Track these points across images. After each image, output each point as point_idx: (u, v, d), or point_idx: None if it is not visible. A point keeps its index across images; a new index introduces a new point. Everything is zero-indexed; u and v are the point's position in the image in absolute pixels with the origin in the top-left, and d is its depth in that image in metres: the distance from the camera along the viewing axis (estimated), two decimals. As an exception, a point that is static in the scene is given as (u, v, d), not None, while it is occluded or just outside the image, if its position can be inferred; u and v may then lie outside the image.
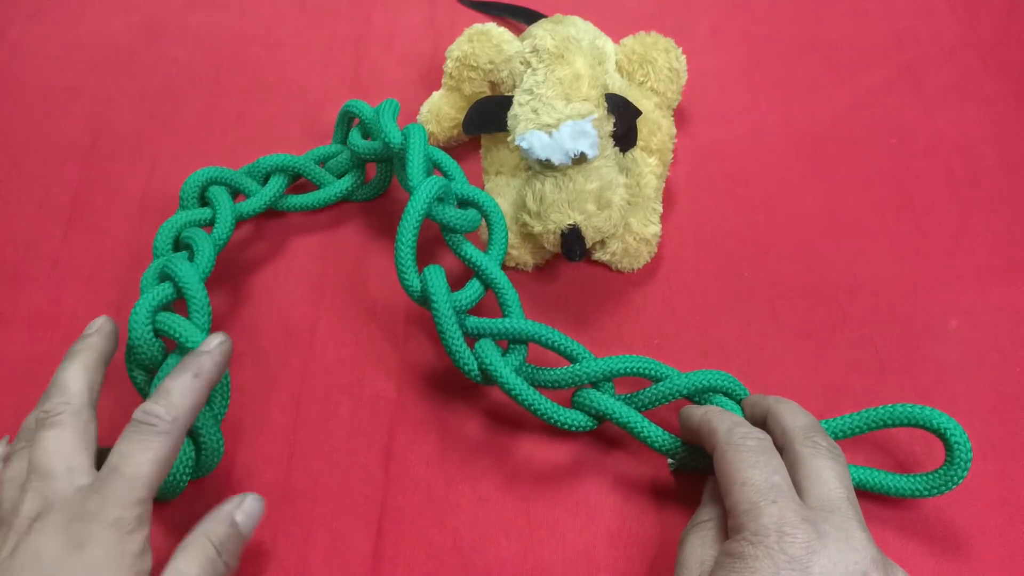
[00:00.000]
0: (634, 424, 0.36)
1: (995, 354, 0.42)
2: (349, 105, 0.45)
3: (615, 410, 0.37)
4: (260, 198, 0.44)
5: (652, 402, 0.37)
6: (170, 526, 0.37)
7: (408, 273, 0.38)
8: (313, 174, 0.46)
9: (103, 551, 0.28)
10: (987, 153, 0.50)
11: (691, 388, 0.37)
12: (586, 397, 0.37)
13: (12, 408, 0.41)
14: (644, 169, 0.44)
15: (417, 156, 0.40)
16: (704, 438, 0.34)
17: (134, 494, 0.29)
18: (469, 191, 0.41)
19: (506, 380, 0.36)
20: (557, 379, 0.37)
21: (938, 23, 0.56)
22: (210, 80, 0.54)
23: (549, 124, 0.39)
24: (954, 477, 0.34)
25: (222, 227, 0.42)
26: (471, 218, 0.40)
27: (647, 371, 0.37)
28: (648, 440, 0.36)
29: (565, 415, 0.37)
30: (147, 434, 0.31)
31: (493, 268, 0.40)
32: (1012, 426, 0.40)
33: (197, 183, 0.43)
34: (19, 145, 0.50)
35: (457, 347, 0.37)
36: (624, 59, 0.47)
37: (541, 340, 0.38)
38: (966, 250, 0.46)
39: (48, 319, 0.43)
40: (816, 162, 0.49)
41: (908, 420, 0.35)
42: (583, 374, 0.37)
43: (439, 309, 0.37)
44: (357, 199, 0.47)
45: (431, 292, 0.37)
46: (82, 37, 0.56)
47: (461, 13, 0.57)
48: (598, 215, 0.40)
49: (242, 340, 0.43)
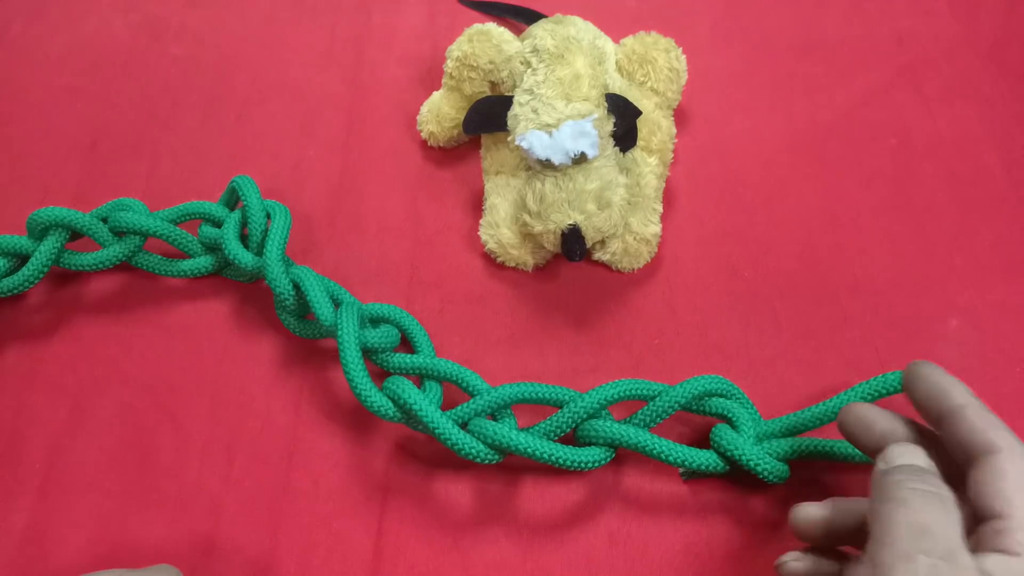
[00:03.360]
0: (648, 444, 0.36)
1: (995, 354, 0.42)
2: (235, 184, 0.43)
3: (626, 435, 0.36)
4: (109, 253, 0.42)
5: (651, 421, 0.37)
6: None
7: (373, 395, 0.37)
8: (178, 242, 0.43)
9: None
10: (987, 153, 0.50)
11: (687, 398, 0.37)
12: (591, 429, 0.37)
13: (12, 408, 0.41)
14: (644, 169, 0.44)
15: (319, 294, 0.39)
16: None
17: None
18: (377, 309, 0.41)
19: (520, 444, 0.35)
20: (559, 424, 0.37)
21: (938, 23, 0.56)
22: (210, 80, 0.54)
23: (549, 124, 0.39)
24: None
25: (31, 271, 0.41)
26: (392, 334, 0.40)
27: (639, 392, 0.37)
28: (664, 457, 0.36)
29: (582, 455, 0.36)
30: None
31: (449, 364, 0.38)
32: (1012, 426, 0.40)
33: (43, 222, 0.41)
34: (19, 145, 0.50)
35: (459, 439, 0.36)
36: (624, 59, 0.47)
37: (529, 398, 0.37)
38: (966, 250, 0.46)
39: (49, 319, 0.43)
40: (816, 162, 0.49)
41: (902, 387, 0.34)
42: (582, 410, 0.36)
43: (426, 412, 0.36)
44: (231, 276, 0.44)
45: (408, 399, 0.36)
46: (82, 37, 0.56)
47: (461, 13, 0.57)
48: (598, 215, 0.40)
49: (246, 342, 0.43)
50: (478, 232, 0.45)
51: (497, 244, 0.44)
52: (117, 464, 0.39)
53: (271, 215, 0.42)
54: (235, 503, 0.38)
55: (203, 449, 0.39)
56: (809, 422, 0.37)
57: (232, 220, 0.42)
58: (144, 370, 0.42)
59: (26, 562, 0.37)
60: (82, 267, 0.42)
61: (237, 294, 0.44)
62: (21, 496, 0.38)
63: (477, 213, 0.47)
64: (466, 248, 0.46)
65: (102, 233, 0.42)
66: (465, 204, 0.48)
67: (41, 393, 0.41)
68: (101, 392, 0.41)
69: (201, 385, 0.41)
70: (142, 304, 0.44)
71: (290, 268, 0.41)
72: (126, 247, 0.43)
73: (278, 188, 0.48)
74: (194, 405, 0.41)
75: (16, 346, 0.43)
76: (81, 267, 0.42)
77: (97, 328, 0.43)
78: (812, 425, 0.37)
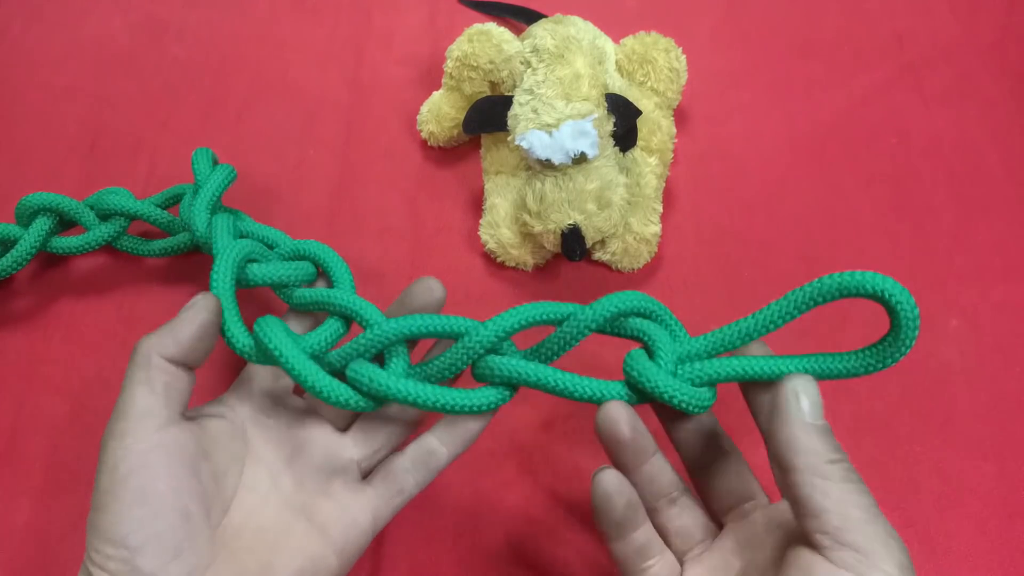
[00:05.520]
0: (549, 381, 0.31)
1: (995, 354, 0.42)
2: (192, 158, 0.43)
3: (525, 371, 0.31)
4: (94, 236, 0.43)
5: (561, 348, 0.32)
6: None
7: (236, 333, 0.33)
8: (159, 221, 0.43)
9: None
10: (987, 153, 0.50)
11: (599, 320, 0.31)
12: (486, 366, 0.32)
13: (12, 408, 0.41)
14: (644, 169, 0.44)
15: (221, 222, 0.38)
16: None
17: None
18: (296, 245, 0.39)
19: (397, 391, 0.31)
20: (452, 362, 0.32)
21: (938, 23, 0.56)
22: (210, 80, 0.54)
23: (549, 124, 0.39)
24: (902, 344, 0.28)
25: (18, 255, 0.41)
26: (301, 269, 0.38)
27: (545, 317, 0.32)
28: (568, 393, 0.31)
29: (469, 398, 0.32)
30: None
31: (344, 295, 0.34)
32: (1012, 426, 0.40)
33: (31, 207, 0.41)
34: (19, 145, 0.50)
35: (324, 385, 0.31)
36: (624, 59, 0.47)
37: (420, 332, 0.32)
38: (966, 250, 0.46)
39: (49, 319, 0.43)
40: (816, 162, 0.49)
41: (839, 290, 0.29)
42: (476, 344, 0.32)
43: (286, 355, 0.32)
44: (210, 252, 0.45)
45: (268, 341, 0.32)
46: (82, 37, 0.56)
47: (461, 13, 0.57)
48: (598, 215, 0.40)
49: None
50: (478, 232, 0.45)
51: (497, 244, 0.44)
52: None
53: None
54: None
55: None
56: (744, 335, 0.31)
57: (190, 189, 0.43)
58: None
59: (26, 562, 0.37)
60: (69, 250, 0.43)
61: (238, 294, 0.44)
62: (21, 496, 0.38)
63: (477, 213, 0.47)
64: (466, 248, 0.46)
65: (88, 216, 0.43)
66: (465, 204, 0.48)
67: (41, 393, 0.41)
68: (101, 392, 0.41)
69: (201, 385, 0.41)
70: (142, 304, 0.44)
71: (213, 215, 0.40)
72: (111, 229, 0.43)
73: (278, 188, 0.48)
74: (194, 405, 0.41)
75: (16, 346, 0.43)
76: (68, 250, 0.43)
77: (97, 327, 0.43)
78: (747, 339, 0.31)
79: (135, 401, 0.29)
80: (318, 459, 0.33)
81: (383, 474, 0.33)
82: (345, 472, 0.33)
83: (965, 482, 0.38)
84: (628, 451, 0.31)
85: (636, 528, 0.30)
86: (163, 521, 0.28)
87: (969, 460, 0.39)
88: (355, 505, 0.32)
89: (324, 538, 0.31)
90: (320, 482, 0.32)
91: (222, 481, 0.31)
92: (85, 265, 0.45)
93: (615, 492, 0.30)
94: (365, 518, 0.32)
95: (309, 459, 0.33)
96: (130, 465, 0.28)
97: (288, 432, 0.34)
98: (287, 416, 0.34)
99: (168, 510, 0.28)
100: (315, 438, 0.34)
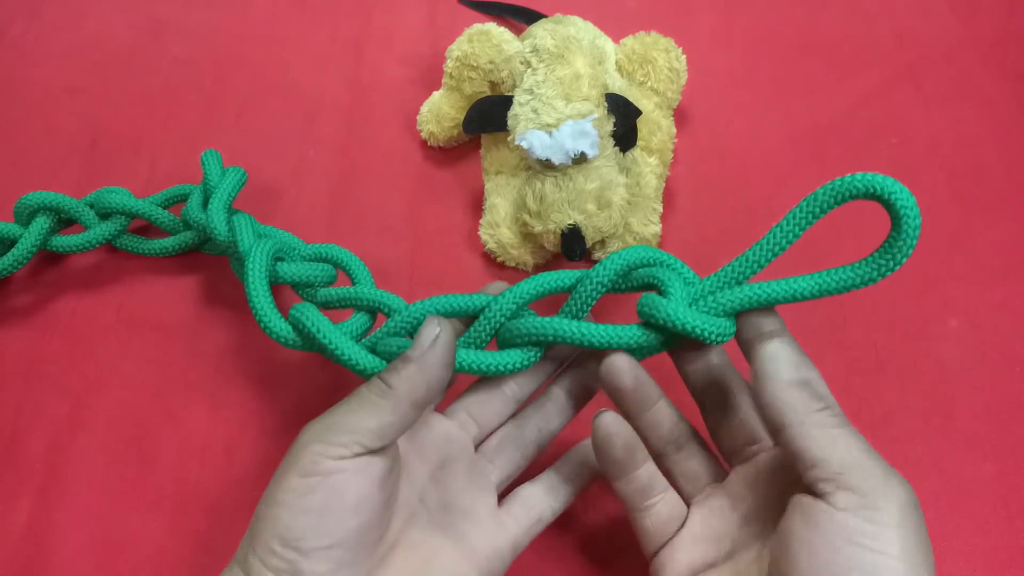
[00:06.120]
0: (567, 331, 0.32)
1: (995, 354, 0.42)
2: (202, 159, 0.44)
3: (543, 327, 0.32)
4: (94, 234, 0.43)
5: (579, 309, 0.33)
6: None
7: (274, 321, 0.35)
8: (159, 220, 0.44)
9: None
10: (987, 153, 0.50)
11: (611, 276, 0.32)
12: (507, 331, 0.33)
13: (12, 408, 0.41)
14: (644, 169, 0.44)
15: (245, 228, 0.39)
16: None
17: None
18: (315, 249, 0.40)
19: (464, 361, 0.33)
20: (478, 334, 0.33)
21: (938, 23, 0.56)
22: (210, 80, 0.54)
23: (549, 124, 0.39)
24: (902, 246, 0.28)
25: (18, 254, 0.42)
26: (325, 270, 0.39)
27: (558, 285, 0.33)
28: (586, 341, 0.31)
29: (500, 358, 0.33)
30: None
31: (370, 290, 0.36)
32: (1012, 426, 0.40)
33: (30, 206, 0.42)
34: (19, 144, 0.50)
35: (365, 362, 0.33)
36: (624, 59, 0.47)
37: (444, 311, 0.34)
38: (966, 250, 0.46)
39: (49, 319, 0.43)
40: (816, 162, 0.49)
41: (835, 196, 0.29)
42: (498, 313, 0.33)
43: (328, 336, 0.33)
44: (210, 252, 0.46)
45: (310, 324, 0.34)
46: (82, 37, 0.56)
47: (461, 13, 0.57)
48: (598, 215, 0.40)
49: (247, 341, 0.43)
50: (478, 232, 0.45)
51: (497, 244, 0.44)
52: (117, 464, 0.39)
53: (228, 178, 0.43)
54: (235, 503, 0.38)
55: (203, 449, 0.39)
56: (753, 263, 0.31)
57: (197, 189, 0.43)
58: (144, 370, 0.42)
59: (26, 562, 0.37)
60: (69, 249, 0.43)
61: (238, 294, 0.44)
62: (21, 496, 0.38)
63: (477, 213, 0.47)
64: (466, 248, 0.46)
65: (87, 215, 0.43)
66: (465, 204, 0.48)
67: (41, 393, 0.41)
68: (101, 392, 0.41)
69: (201, 385, 0.41)
70: (142, 303, 0.44)
71: (232, 216, 0.41)
72: (111, 228, 0.43)
73: (278, 188, 0.48)
74: (194, 405, 0.41)
75: (16, 346, 0.43)
76: (68, 249, 0.43)
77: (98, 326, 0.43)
78: (757, 266, 0.31)
79: (360, 421, 0.28)
80: (461, 477, 0.33)
81: (520, 501, 0.33)
82: (487, 493, 0.33)
83: (965, 482, 0.38)
84: (630, 400, 0.32)
85: (637, 468, 0.31)
86: (340, 533, 0.27)
87: (969, 460, 0.39)
88: (497, 531, 0.32)
89: (471, 562, 0.31)
90: (465, 505, 0.32)
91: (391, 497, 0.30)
92: (85, 265, 0.45)
93: (614, 433, 0.31)
94: (507, 544, 0.32)
95: (453, 477, 0.33)
96: (327, 473, 0.28)
97: (433, 446, 0.33)
98: (431, 429, 0.33)
99: (348, 524, 0.28)
100: (458, 453, 0.33)
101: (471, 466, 0.33)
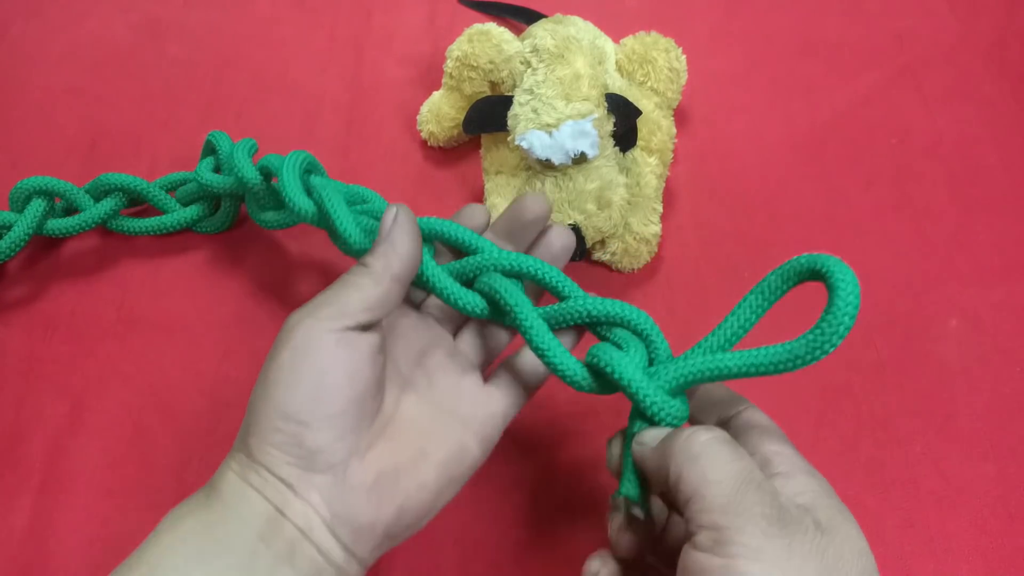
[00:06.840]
0: (539, 342, 0.31)
1: (995, 354, 0.42)
2: (210, 136, 0.44)
3: (523, 314, 0.32)
4: (88, 216, 0.43)
5: (553, 319, 0.32)
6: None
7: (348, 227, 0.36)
8: (156, 199, 0.45)
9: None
10: (987, 153, 0.50)
11: (596, 313, 0.32)
12: (484, 281, 0.34)
13: (12, 408, 0.41)
14: (644, 169, 0.44)
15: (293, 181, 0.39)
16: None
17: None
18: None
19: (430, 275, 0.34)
20: (464, 268, 0.34)
21: (938, 23, 0.56)
22: (210, 80, 0.54)
23: (549, 124, 0.39)
24: (840, 325, 0.26)
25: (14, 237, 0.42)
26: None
27: (552, 282, 0.33)
28: (551, 363, 0.31)
29: (466, 298, 0.34)
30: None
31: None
32: (1012, 426, 0.40)
33: (25, 191, 0.42)
34: (19, 145, 0.50)
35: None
36: (624, 59, 0.47)
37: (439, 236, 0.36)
38: (966, 250, 0.46)
39: (48, 319, 0.43)
40: (816, 162, 0.49)
41: (782, 281, 0.28)
42: (485, 260, 0.34)
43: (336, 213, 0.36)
44: (201, 231, 0.46)
45: (327, 202, 0.36)
46: (82, 37, 0.56)
47: (461, 13, 0.57)
48: (598, 215, 0.40)
49: (247, 340, 0.43)
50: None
51: (497, 244, 0.44)
52: (117, 464, 0.39)
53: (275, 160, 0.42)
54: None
55: (203, 449, 0.39)
56: (714, 349, 0.30)
57: (208, 160, 0.44)
58: (144, 370, 0.42)
59: (26, 562, 0.37)
60: (65, 231, 0.43)
61: (238, 293, 0.44)
62: (21, 496, 0.38)
63: (477, 213, 0.47)
64: (466, 248, 0.46)
65: (82, 197, 0.43)
66: (465, 204, 0.48)
67: (41, 393, 0.41)
68: (101, 392, 0.41)
69: (201, 385, 0.41)
70: (142, 302, 0.44)
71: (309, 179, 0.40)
72: (106, 207, 0.43)
73: (278, 188, 0.48)
74: (194, 405, 0.41)
75: (16, 345, 0.43)
76: (64, 231, 0.43)
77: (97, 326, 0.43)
78: (719, 350, 0.30)
79: (345, 298, 0.30)
80: (444, 361, 0.34)
81: (504, 372, 0.34)
82: (471, 371, 0.34)
83: (965, 482, 0.38)
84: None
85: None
86: (337, 404, 0.28)
87: (969, 460, 0.39)
88: (487, 401, 0.33)
89: (466, 428, 0.32)
90: (451, 382, 0.33)
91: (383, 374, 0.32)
92: (86, 265, 0.45)
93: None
94: (498, 410, 0.33)
95: (436, 360, 0.34)
96: (318, 348, 0.29)
97: (414, 334, 0.34)
98: (411, 319, 0.35)
99: (344, 393, 0.29)
100: (437, 341, 0.35)
101: (452, 351, 0.35)
